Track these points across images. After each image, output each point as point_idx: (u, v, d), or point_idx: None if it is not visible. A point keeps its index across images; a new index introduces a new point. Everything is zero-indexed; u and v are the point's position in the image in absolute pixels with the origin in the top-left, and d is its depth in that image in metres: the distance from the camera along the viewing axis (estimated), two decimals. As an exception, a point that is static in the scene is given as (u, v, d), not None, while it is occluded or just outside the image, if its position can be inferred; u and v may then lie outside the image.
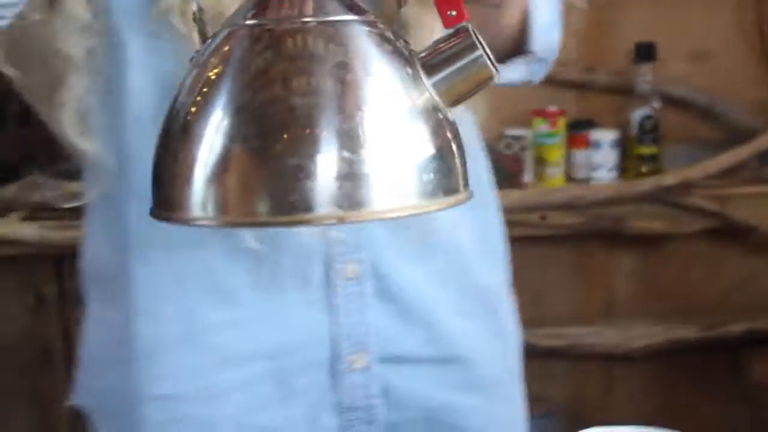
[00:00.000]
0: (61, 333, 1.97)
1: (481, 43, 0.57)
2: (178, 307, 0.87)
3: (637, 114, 1.98)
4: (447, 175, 0.57)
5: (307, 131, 0.53)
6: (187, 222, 0.57)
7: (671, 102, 2.05)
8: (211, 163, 0.56)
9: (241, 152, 0.55)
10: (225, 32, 0.57)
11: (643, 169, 1.97)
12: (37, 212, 1.79)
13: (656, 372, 2.10)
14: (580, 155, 2.00)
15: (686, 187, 1.92)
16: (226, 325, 0.88)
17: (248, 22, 0.56)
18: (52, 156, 1.59)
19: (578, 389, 2.12)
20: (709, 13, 2.05)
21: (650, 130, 1.98)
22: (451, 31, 0.57)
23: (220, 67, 0.57)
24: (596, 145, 2.00)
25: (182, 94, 0.60)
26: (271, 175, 0.54)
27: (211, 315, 0.87)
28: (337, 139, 0.53)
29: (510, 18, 0.91)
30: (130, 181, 0.87)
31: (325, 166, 0.53)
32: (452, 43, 0.57)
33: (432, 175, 0.56)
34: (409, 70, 0.57)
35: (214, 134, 0.56)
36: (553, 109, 1.95)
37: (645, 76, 1.98)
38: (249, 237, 0.81)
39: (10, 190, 1.76)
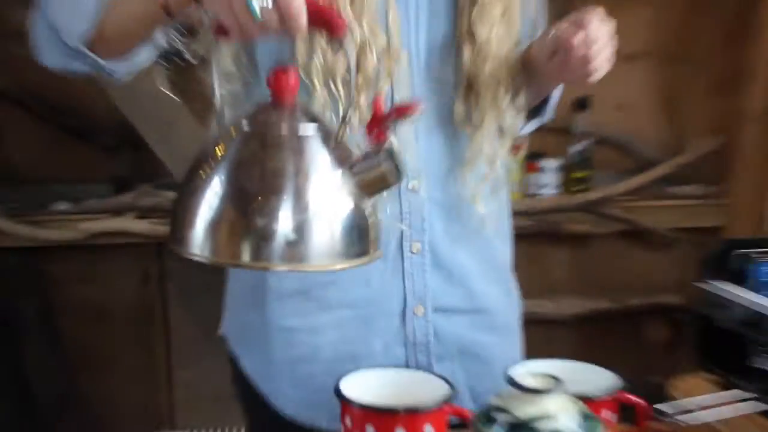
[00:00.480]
0: (160, 301, 2.22)
1: (393, 158, 0.71)
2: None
3: (574, 148, 2.24)
4: (362, 243, 0.72)
5: (269, 208, 0.68)
6: (187, 255, 0.70)
7: (599, 140, 2.29)
8: (207, 217, 0.70)
9: (227, 213, 0.69)
10: (233, 128, 0.72)
11: (577, 188, 2.22)
12: (146, 213, 2.00)
13: (582, 333, 2.36)
14: (533, 177, 2.25)
15: (606, 200, 2.18)
16: (328, 283, 1.00)
17: (246, 127, 0.72)
18: (157, 173, 1.96)
19: (526, 346, 2.31)
20: (630, 76, 2.24)
21: (583, 161, 2.24)
22: (373, 147, 0.72)
23: (224, 151, 0.71)
24: (544, 170, 2.25)
25: (198, 161, 0.73)
26: (243, 233, 0.68)
27: (318, 277, 0.98)
28: (288, 215, 0.68)
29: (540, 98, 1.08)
30: None
31: (281, 233, 0.68)
32: (373, 158, 0.71)
33: (352, 244, 0.71)
34: (342, 173, 0.70)
35: (212, 197, 0.70)
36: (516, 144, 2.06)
37: (581, 121, 2.22)
38: None
39: (127, 197, 2.01)
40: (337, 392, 0.86)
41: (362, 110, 0.93)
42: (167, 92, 1.85)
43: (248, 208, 0.69)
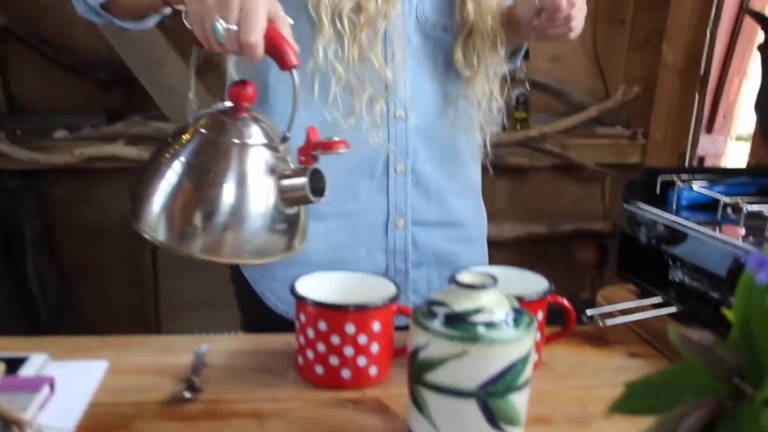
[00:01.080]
0: None
1: (315, 180, 0.73)
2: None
3: (516, 93, 2.20)
4: (288, 239, 0.76)
5: (210, 205, 0.70)
6: (139, 231, 0.73)
7: (536, 86, 2.28)
8: (157, 203, 0.72)
9: (172, 203, 0.71)
10: (192, 128, 0.74)
11: (518, 126, 2.20)
12: (135, 140, 1.95)
13: (520, 254, 2.32)
14: None
15: (543, 137, 2.15)
16: None
17: (204, 129, 0.74)
18: (146, 106, 1.91)
19: None
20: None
21: (523, 103, 2.21)
22: (301, 168, 0.73)
23: (181, 147, 0.73)
24: (489, 110, 2.27)
25: (161, 150, 0.74)
26: (182, 222, 0.71)
27: None
28: (223, 213, 0.71)
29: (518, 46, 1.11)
30: (270, 103, 0.97)
31: (214, 228, 0.71)
32: (299, 176, 0.73)
33: (279, 240, 0.75)
34: (273, 182, 0.72)
35: (164, 186, 0.72)
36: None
37: (521, 69, 2.19)
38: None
39: (118, 126, 1.95)
40: (293, 291, 0.80)
41: (362, 46, 0.95)
42: (159, 34, 1.81)
43: (190, 201, 0.71)
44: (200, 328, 2.15)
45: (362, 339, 0.78)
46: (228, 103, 0.77)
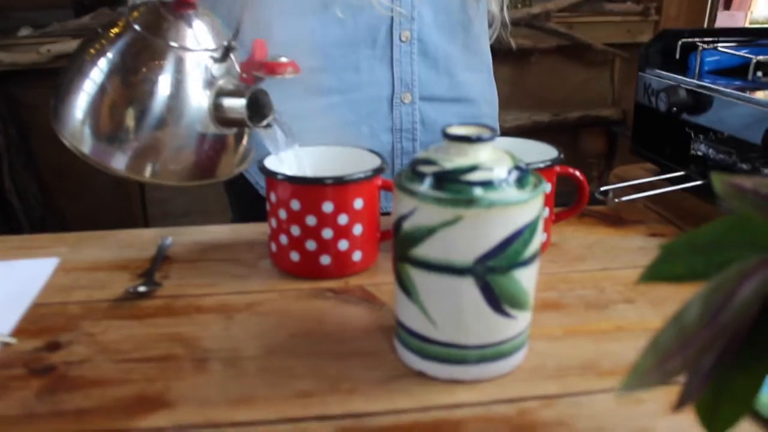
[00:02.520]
0: None
1: (257, 103, 0.67)
2: (288, 55, 0.82)
3: None
4: (225, 160, 0.69)
5: (133, 117, 0.64)
6: (61, 136, 0.66)
7: None
8: (80, 104, 0.65)
9: (97, 105, 0.65)
10: (124, 20, 0.66)
11: (518, 4, 2.07)
12: None
13: None
14: None
15: (547, 15, 2.03)
16: (318, 69, 0.92)
17: (136, 25, 0.65)
18: None
19: None
20: None
21: None
22: (243, 85, 0.66)
23: (112, 41, 0.65)
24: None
25: (89, 42, 0.67)
26: (101, 130, 0.65)
27: (309, 63, 0.88)
28: (150, 126, 0.64)
29: None
30: None
31: (135, 142, 0.65)
32: (239, 94, 0.66)
33: (212, 161, 0.68)
34: (209, 94, 0.66)
35: (88, 85, 0.65)
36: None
37: None
38: (338, 10, 0.87)
39: (85, 19, 1.83)
40: (261, 167, 0.68)
41: None
42: None
43: (112, 108, 0.64)
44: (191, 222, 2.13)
45: (342, 219, 0.67)
46: None
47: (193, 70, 0.65)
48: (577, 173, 0.76)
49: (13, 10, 1.99)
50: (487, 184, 0.48)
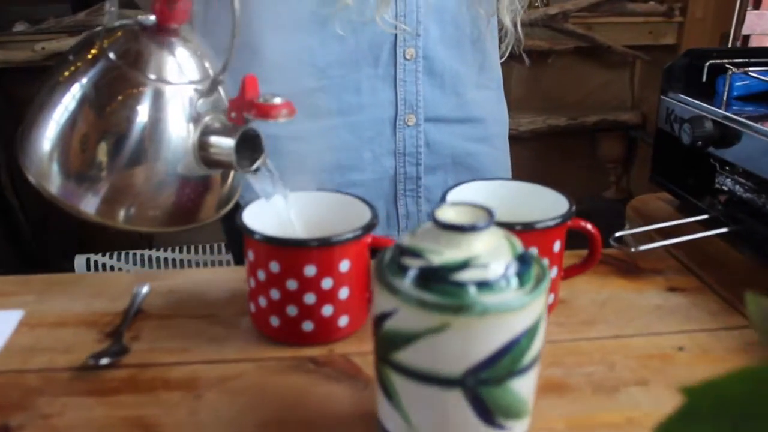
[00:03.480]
0: None
1: (249, 145, 0.61)
2: (284, 74, 0.85)
3: None
4: (206, 204, 0.64)
5: (105, 156, 0.59)
6: (25, 171, 0.62)
7: None
8: (47, 137, 0.60)
9: (66, 141, 0.59)
10: (98, 46, 0.60)
11: (536, 3, 1.99)
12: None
13: (537, 148, 2.21)
14: None
15: (564, 16, 1.94)
16: (316, 90, 0.88)
17: (111, 54, 0.59)
18: None
19: None
20: None
21: None
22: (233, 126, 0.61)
23: (83, 69, 0.59)
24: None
25: (59, 68, 0.61)
26: (69, 171, 0.59)
27: (306, 83, 0.87)
28: (123, 167, 0.59)
29: None
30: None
31: (107, 185, 0.59)
32: (228, 136, 0.60)
33: (192, 205, 0.63)
34: (193, 131, 0.60)
35: (56, 118, 0.59)
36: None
37: None
38: (338, 26, 0.83)
39: (81, 15, 1.76)
40: (239, 221, 0.62)
41: None
42: None
43: (81, 145, 0.58)
44: (193, 236, 2.08)
45: (327, 283, 0.62)
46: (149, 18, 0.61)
47: (176, 104, 0.59)
48: (589, 227, 0.69)
49: (10, 3, 1.94)
50: (481, 285, 0.42)
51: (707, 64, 1.02)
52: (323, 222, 0.68)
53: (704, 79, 1.02)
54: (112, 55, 0.59)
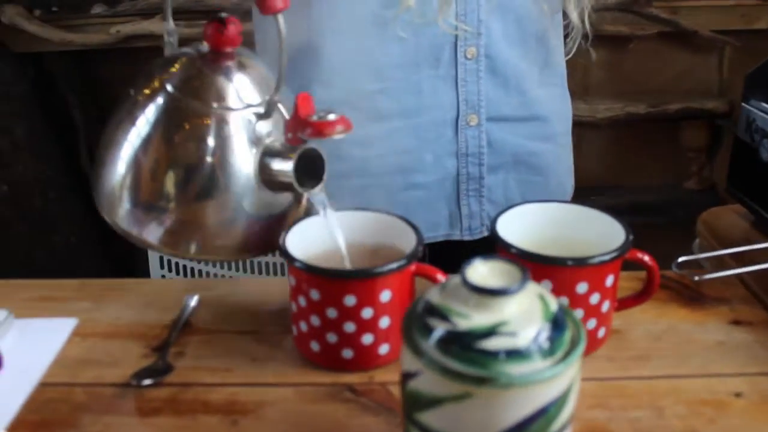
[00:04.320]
0: None
1: (308, 166, 0.60)
2: (344, 78, 0.86)
3: None
4: (280, 228, 0.63)
5: (169, 190, 0.59)
6: (99, 208, 0.63)
7: None
8: (113, 176, 0.61)
9: (134, 173, 0.61)
10: (158, 79, 0.60)
11: None
12: (175, 13, 1.81)
13: (615, 136, 2.13)
14: None
15: (648, 0, 1.86)
16: (376, 93, 0.87)
17: (169, 86, 0.59)
18: None
19: None
20: None
21: None
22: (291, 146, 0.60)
23: (144, 105, 0.60)
24: (583, -33, 1.95)
25: (122, 105, 0.62)
26: (138, 205, 0.60)
27: (366, 85, 0.87)
28: (187, 199, 0.59)
29: None
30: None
31: (176, 216, 0.59)
32: (287, 157, 0.59)
33: (264, 231, 0.62)
34: (254, 155, 0.60)
35: (121, 156, 0.60)
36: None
37: None
38: (398, 28, 0.82)
39: None
40: (281, 247, 0.63)
41: None
42: None
43: (147, 180, 0.59)
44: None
45: (367, 312, 0.61)
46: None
47: (236, 130, 0.59)
48: (646, 258, 0.66)
49: (89, -16, 1.99)
50: (508, 353, 0.40)
51: (797, 69, 0.96)
52: (370, 242, 0.68)
53: (792, 87, 0.96)
54: (170, 88, 0.59)
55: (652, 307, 0.73)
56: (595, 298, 0.63)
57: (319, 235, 0.67)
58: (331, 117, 0.58)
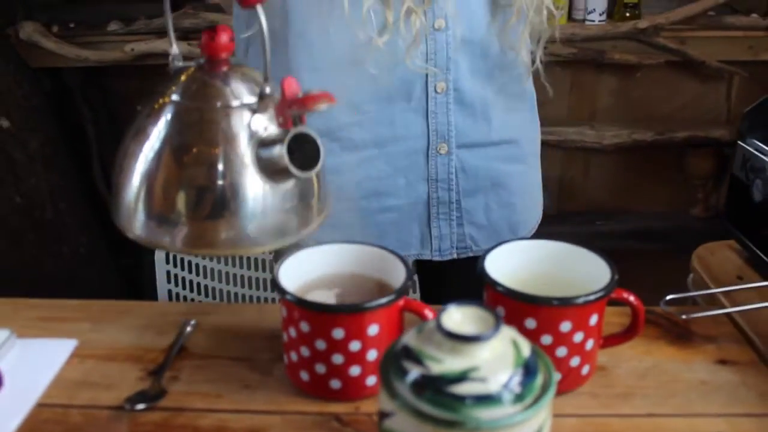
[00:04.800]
0: None
1: (300, 147, 0.61)
2: (321, 112, 0.81)
3: None
4: (297, 217, 0.63)
5: (181, 194, 0.60)
6: (118, 224, 0.63)
7: None
8: (130, 190, 0.62)
9: (148, 182, 0.61)
10: (165, 97, 0.61)
11: (626, 13, 1.90)
12: (187, 34, 1.81)
13: (622, 162, 2.14)
14: (579, 1, 1.91)
15: (656, 29, 1.86)
16: (352, 125, 0.92)
17: (175, 96, 0.60)
18: None
19: (566, 171, 2.20)
20: None
21: None
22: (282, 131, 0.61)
23: (153, 118, 0.61)
24: (592, -6, 1.89)
25: (133, 123, 0.63)
26: (159, 206, 0.61)
27: (343, 118, 0.91)
28: (202, 200, 0.60)
29: None
30: (289, 21, 0.88)
31: (194, 215, 0.60)
32: (279, 143, 0.60)
33: (282, 220, 0.62)
34: (252, 154, 0.60)
35: (137, 169, 0.61)
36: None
37: None
38: (371, 66, 0.85)
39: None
40: (274, 279, 0.65)
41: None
42: None
43: (161, 190, 0.60)
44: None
45: (354, 345, 0.63)
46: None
47: (233, 127, 0.61)
48: (632, 298, 0.68)
49: (103, 3, 2.03)
50: (478, 399, 0.42)
51: (791, 109, 0.97)
52: (360, 274, 0.70)
53: (787, 125, 0.97)
54: (175, 97, 0.61)
55: (639, 343, 0.75)
56: (578, 337, 0.64)
57: (314, 266, 0.69)
58: (314, 91, 0.60)
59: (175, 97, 0.61)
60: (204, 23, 1.79)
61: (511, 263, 0.69)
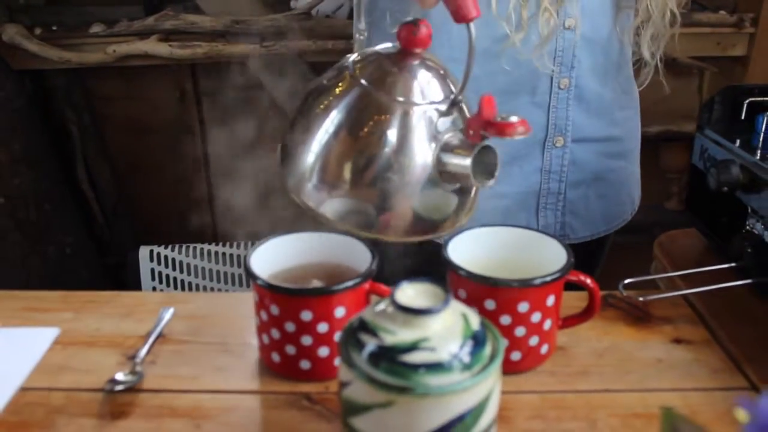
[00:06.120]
0: (196, 115, 2.09)
1: (485, 160, 0.62)
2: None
3: None
4: (453, 213, 0.65)
5: (360, 174, 0.61)
6: (286, 187, 0.64)
7: None
8: (307, 159, 0.62)
9: (325, 156, 0.62)
10: (349, 75, 0.64)
11: None
12: (168, 35, 1.83)
13: None
14: None
15: None
16: None
17: (363, 81, 0.63)
18: None
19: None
20: None
21: None
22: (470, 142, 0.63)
23: (338, 96, 0.64)
24: None
25: (313, 94, 0.65)
26: (330, 181, 0.62)
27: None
28: (376, 183, 0.61)
29: None
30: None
31: (366, 200, 0.61)
32: (466, 152, 0.62)
33: (437, 215, 0.64)
34: (434, 148, 0.62)
35: (316, 141, 0.62)
36: None
37: None
38: (504, 61, 0.91)
39: (150, 20, 1.83)
40: (245, 266, 0.68)
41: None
42: None
43: (337, 163, 0.61)
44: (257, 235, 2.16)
45: (322, 327, 0.66)
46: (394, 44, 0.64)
47: (419, 124, 0.62)
48: (588, 281, 0.71)
49: (85, 5, 2.05)
50: (428, 366, 0.45)
51: (746, 102, 1.01)
52: (329, 262, 0.73)
53: (743, 117, 1.01)
54: (364, 82, 0.63)
55: (599, 325, 0.79)
56: (536, 317, 0.67)
57: (285, 254, 0.72)
58: (513, 119, 0.62)
59: (364, 81, 0.62)
60: (184, 24, 1.81)
61: (472, 249, 0.72)
